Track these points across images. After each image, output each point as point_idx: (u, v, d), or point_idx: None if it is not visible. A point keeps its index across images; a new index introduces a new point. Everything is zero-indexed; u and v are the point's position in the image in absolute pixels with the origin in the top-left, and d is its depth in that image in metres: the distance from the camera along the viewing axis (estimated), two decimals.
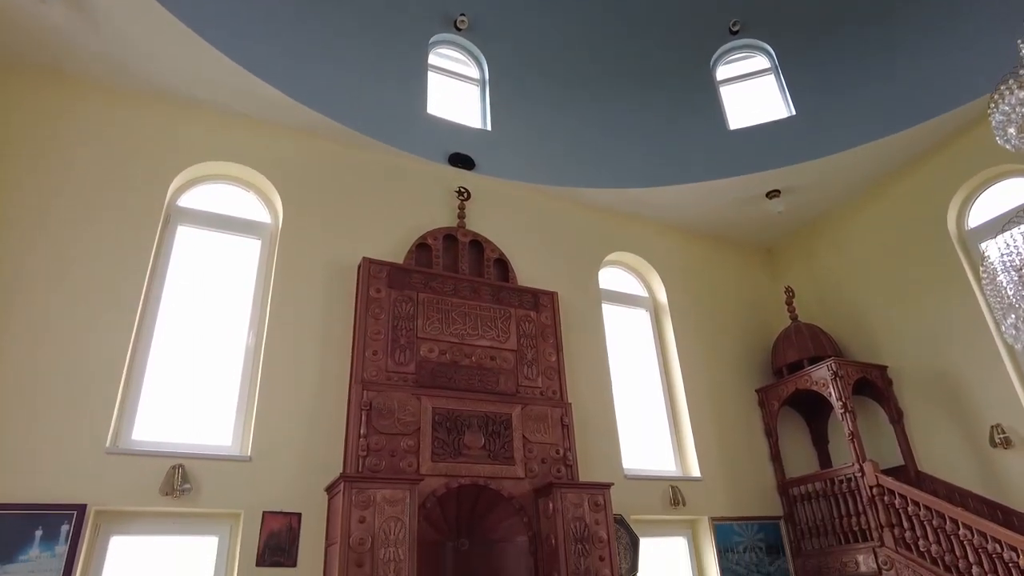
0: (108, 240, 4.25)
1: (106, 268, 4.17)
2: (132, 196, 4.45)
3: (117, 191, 4.41)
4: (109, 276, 4.16)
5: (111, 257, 4.21)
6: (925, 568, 4.66)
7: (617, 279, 6.60)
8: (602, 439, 5.30)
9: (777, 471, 6.03)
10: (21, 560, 3.36)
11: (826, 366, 5.66)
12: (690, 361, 6.19)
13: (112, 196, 4.38)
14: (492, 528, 4.42)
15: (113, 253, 4.23)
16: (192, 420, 4.22)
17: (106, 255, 4.20)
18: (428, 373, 4.55)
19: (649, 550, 5.21)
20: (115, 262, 4.21)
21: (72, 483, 3.59)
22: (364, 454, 4.06)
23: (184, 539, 3.93)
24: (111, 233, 4.28)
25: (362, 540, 3.60)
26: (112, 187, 4.41)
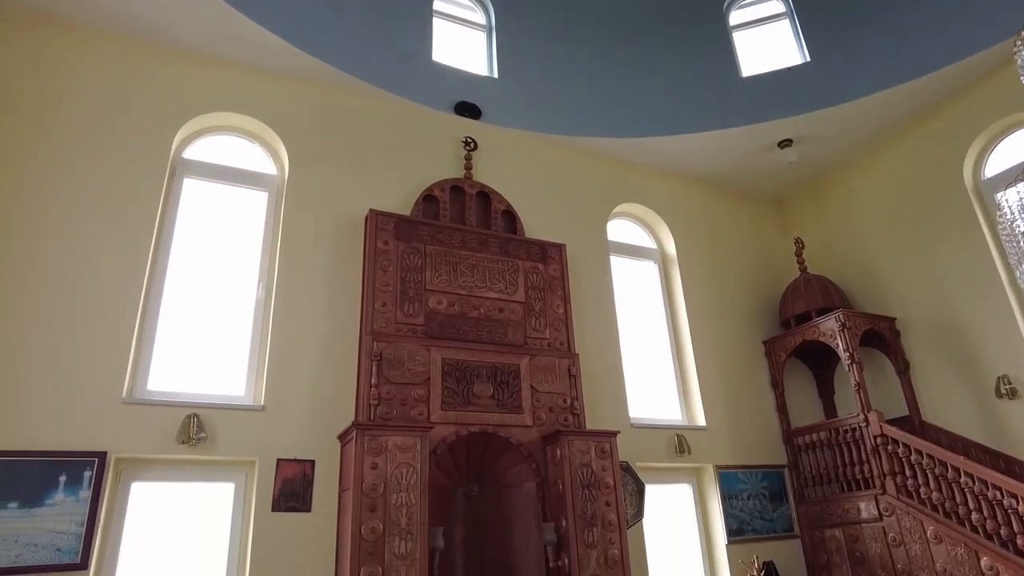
0: (115, 193, 4.24)
1: (114, 221, 4.17)
2: (137, 148, 4.41)
3: (122, 143, 4.38)
4: (118, 229, 4.17)
5: (119, 210, 4.21)
6: (925, 514, 4.75)
7: (626, 231, 6.55)
8: (609, 389, 5.36)
9: (782, 421, 6.10)
10: (48, 504, 3.47)
11: (834, 317, 5.66)
12: (698, 312, 6.20)
13: (117, 148, 4.35)
14: (501, 474, 4.52)
15: (121, 206, 4.22)
16: (205, 371, 4.29)
17: (114, 208, 4.20)
18: (437, 324, 4.58)
19: (654, 496, 5.34)
20: (123, 215, 4.21)
21: (92, 432, 3.69)
22: (375, 403, 4.13)
23: (201, 485, 4.04)
24: (118, 185, 4.26)
25: (375, 485, 3.69)
26: (117, 139, 4.37)
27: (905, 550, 4.87)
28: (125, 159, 4.34)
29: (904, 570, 4.85)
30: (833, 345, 5.67)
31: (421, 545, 3.68)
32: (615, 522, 4.26)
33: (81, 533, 3.49)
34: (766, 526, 5.60)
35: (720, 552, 5.37)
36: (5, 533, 3.35)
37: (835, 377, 6.48)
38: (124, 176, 4.30)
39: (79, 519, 3.50)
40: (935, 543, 4.68)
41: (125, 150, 4.37)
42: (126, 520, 3.80)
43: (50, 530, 3.44)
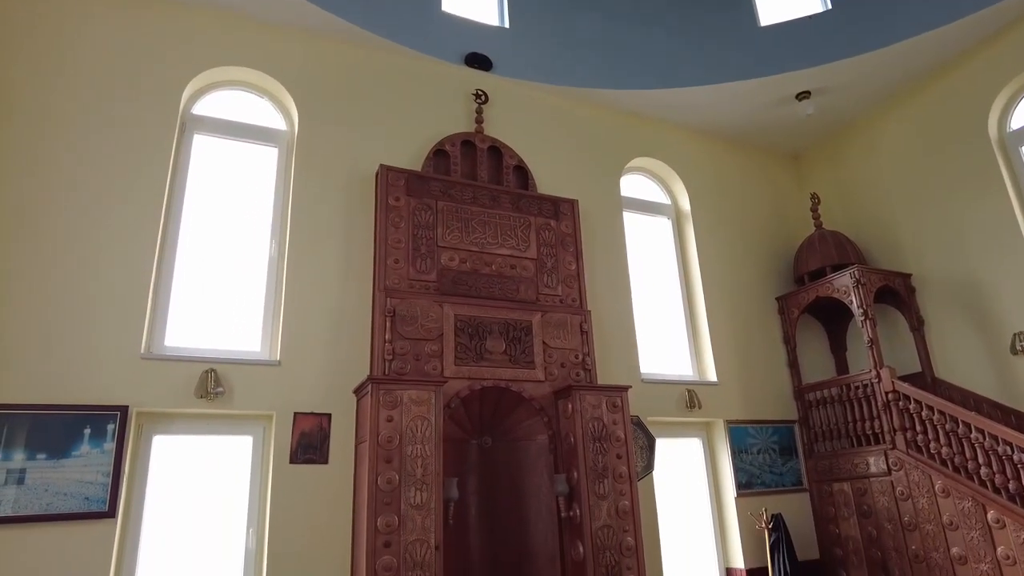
0: (126, 149, 4.22)
1: (126, 178, 4.16)
2: (146, 104, 4.37)
3: (131, 98, 4.34)
4: (130, 186, 4.16)
5: (130, 167, 4.19)
6: (934, 469, 4.79)
7: (639, 186, 6.47)
8: (620, 344, 5.38)
9: (794, 377, 6.12)
10: (75, 455, 3.57)
11: (848, 274, 5.61)
12: (711, 268, 6.17)
13: (126, 104, 4.31)
14: (514, 427, 4.59)
15: (132, 162, 4.21)
16: (221, 327, 4.34)
17: (125, 165, 4.18)
18: (449, 281, 4.59)
19: (665, 450, 5.42)
20: (135, 171, 4.20)
21: (113, 386, 3.76)
22: (390, 358, 4.18)
23: (220, 439, 4.14)
24: (129, 141, 4.24)
25: (390, 438, 3.76)
26: (125, 95, 4.33)
27: (912, 503, 4.93)
28: (134, 115, 4.31)
29: (911, 523, 4.92)
30: (847, 302, 5.63)
31: (436, 495, 3.77)
32: (626, 474, 4.33)
33: (107, 483, 3.59)
34: (775, 480, 5.68)
35: (729, 504, 5.47)
36: (36, 482, 3.46)
37: (848, 334, 6.47)
38: (134, 132, 4.27)
39: (105, 470, 3.61)
40: (942, 497, 4.73)
41: (134, 106, 4.33)
42: (149, 471, 3.91)
43: (78, 480, 3.55)
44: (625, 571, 4.11)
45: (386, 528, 3.59)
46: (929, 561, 4.78)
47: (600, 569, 4.04)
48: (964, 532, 4.58)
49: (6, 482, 3.42)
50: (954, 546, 4.63)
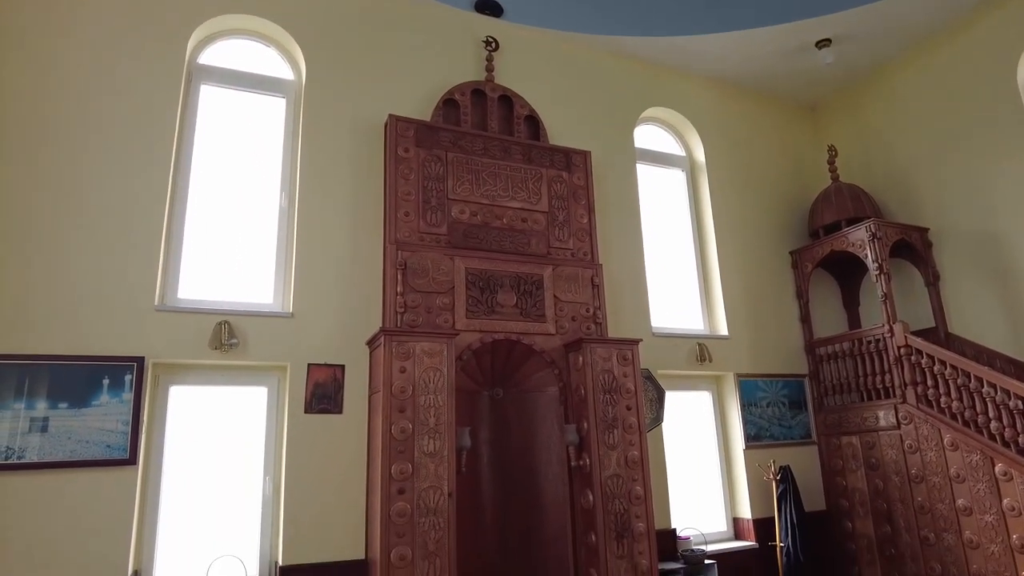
0: (132, 100, 4.15)
1: (133, 129, 4.11)
2: (151, 53, 4.28)
3: (135, 49, 4.24)
4: (137, 137, 4.11)
5: (137, 118, 4.14)
6: (944, 423, 4.81)
7: (653, 137, 6.34)
8: (632, 298, 5.37)
9: (806, 331, 6.11)
10: (95, 405, 3.65)
11: (864, 227, 5.53)
12: (725, 222, 6.10)
13: (130, 53, 4.22)
14: (525, 379, 4.63)
15: (138, 113, 4.15)
16: (233, 279, 4.35)
17: (131, 116, 4.13)
18: (460, 234, 4.56)
19: (674, 402, 5.46)
20: (141, 123, 4.15)
21: (129, 338, 3.80)
22: (402, 311, 4.19)
23: (236, 389, 4.20)
24: (134, 93, 4.17)
25: (403, 388, 3.81)
26: (129, 44, 4.24)
27: (920, 456, 4.97)
28: (140, 65, 4.23)
29: (918, 475, 4.97)
30: (862, 256, 5.57)
31: (449, 444, 3.83)
32: (635, 425, 4.37)
33: (127, 432, 3.67)
34: (784, 432, 5.72)
35: (737, 456, 5.54)
36: (59, 431, 3.55)
37: (861, 289, 6.42)
38: (140, 83, 4.20)
39: (124, 419, 3.68)
40: (951, 450, 4.76)
41: (139, 55, 4.25)
42: (167, 420, 3.98)
43: (99, 428, 3.63)
44: (634, 519, 4.19)
45: (400, 475, 3.67)
46: (934, 512, 4.84)
47: (609, 516, 4.12)
48: (971, 484, 4.62)
49: (30, 430, 3.51)
50: (960, 498, 4.68)
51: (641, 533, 4.19)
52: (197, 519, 3.94)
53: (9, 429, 3.47)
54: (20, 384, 3.54)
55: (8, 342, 3.56)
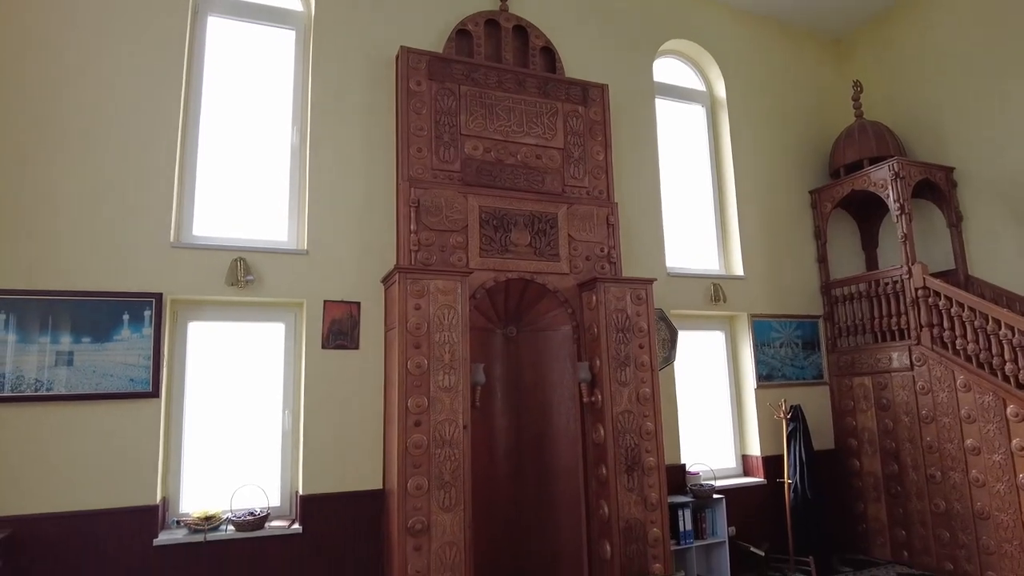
0: (139, 33, 4.05)
1: (141, 63, 4.04)
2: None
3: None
4: (146, 72, 4.04)
5: (144, 51, 4.05)
6: (958, 364, 4.80)
7: (673, 71, 6.13)
8: (647, 238, 5.31)
9: (822, 272, 6.05)
10: (116, 339, 3.73)
11: (887, 166, 5.38)
12: (744, 160, 5.96)
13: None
14: (538, 318, 4.65)
15: (145, 45, 4.06)
16: (247, 217, 4.35)
17: (138, 48, 4.04)
18: (473, 171, 4.49)
19: (687, 342, 5.48)
20: (149, 56, 4.06)
21: (147, 274, 3.84)
22: (416, 249, 4.18)
23: (253, 325, 4.26)
24: (140, 25, 4.07)
25: (418, 325, 3.84)
26: None
27: (932, 397, 4.99)
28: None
29: (928, 415, 5.00)
30: (883, 195, 5.45)
31: (463, 379, 3.89)
32: (647, 363, 4.41)
33: (149, 366, 3.76)
34: (796, 373, 5.75)
35: (749, 395, 5.59)
36: (84, 364, 3.64)
37: (880, 230, 6.31)
38: (145, 14, 4.09)
39: (145, 353, 3.76)
40: (963, 391, 4.77)
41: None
42: (187, 355, 4.07)
43: (121, 362, 3.72)
44: (644, 453, 4.28)
45: (416, 409, 3.75)
46: (942, 451, 4.90)
47: (620, 451, 4.21)
48: (981, 425, 4.65)
49: (56, 363, 3.60)
50: (969, 438, 4.72)
51: (651, 467, 4.28)
52: (220, 450, 4.08)
53: (37, 362, 3.57)
54: (44, 319, 3.61)
55: (30, 278, 3.62)
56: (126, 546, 3.56)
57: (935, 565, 4.92)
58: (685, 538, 4.63)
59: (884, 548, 5.32)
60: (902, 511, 5.19)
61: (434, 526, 3.68)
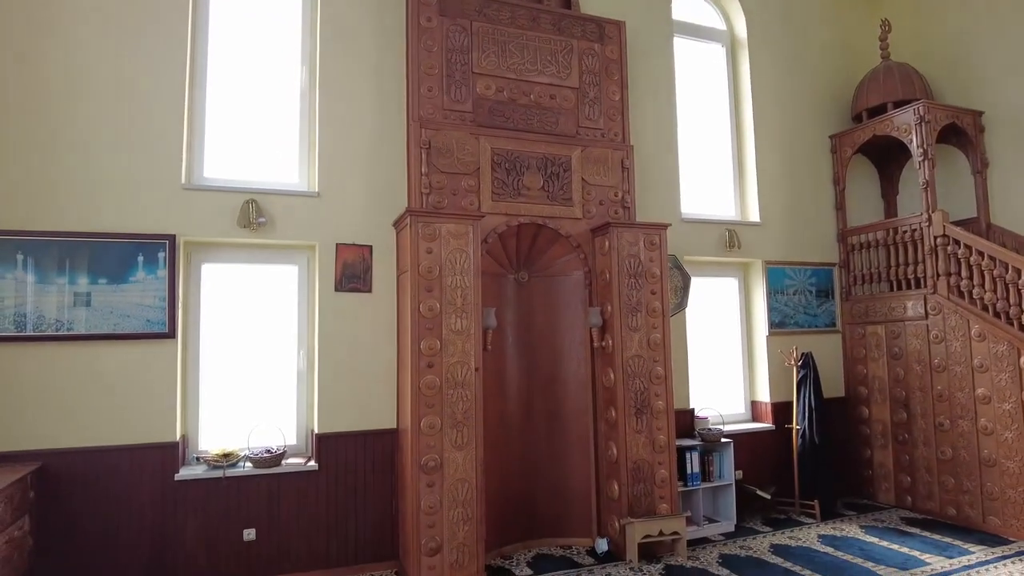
0: None
1: (148, 2, 3.94)
2: None
3: None
4: (152, 11, 3.94)
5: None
6: (974, 314, 4.75)
7: (692, 7, 5.88)
8: (662, 182, 5.23)
9: (839, 220, 5.95)
10: (132, 281, 3.76)
11: (912, 110, 5.21)
12: (764, 103, 5.79)
13: None
14: (550, 263, 4.63)
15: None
16: (258, 158, 4.31)
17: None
18: (485, 112, 4.40)
19: (700, 288, 5.46)
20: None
21: (159, 216, 3.85)
22: (427, 192, 4.14)
23: (266, 267, 4.28)
24: None
25: (430, 269, 3.84)
26: None
27: (945, 346, 4.96)
28: None
29: (940, 364, 4.99)
30: (906, 140, 5.29)
31: (475, 323, 3.91)
32: (659, 309, 4.40)
33: (164, 307, 3.80)
34: (808, 320, 5.73)
35: (760, 342, 5.59)
36: (102, 305, 3.69)
37: (901, 177, 6.16)
38: None
39: (161, 295, 3.80)
40: (977, 340, 4.74)
41: None
42: (202, 297, 4.11)
43: (137, 303, 3.76)
44: (653, 397, 4.32)
45: (429, 351, 3.78)
46: (952, 400, 4.90)
47: (629, 394, 4.25)
48: (993, 374, 4.63)
49: (75, 304, 3.66)
50: (980, 387, 4.71)
51: (660, 411, 4.33)
52: (236, 391, 4.16)
53: (56, 303, 3.62)
54: (61, 260, 3.65)
55: (45, 219, 3.65)
56: (149, 480, 3.69)
57: (938, 510, 5.00)
58: (692, 480, 4.72)
59: (888, 493, 5.40)
60: (908, 458, 5.25)
61: (447, 464, 3.77)
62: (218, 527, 3.80)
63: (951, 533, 4.62)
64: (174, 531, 3.71)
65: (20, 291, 3.58)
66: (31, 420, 3.54)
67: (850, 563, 4.06)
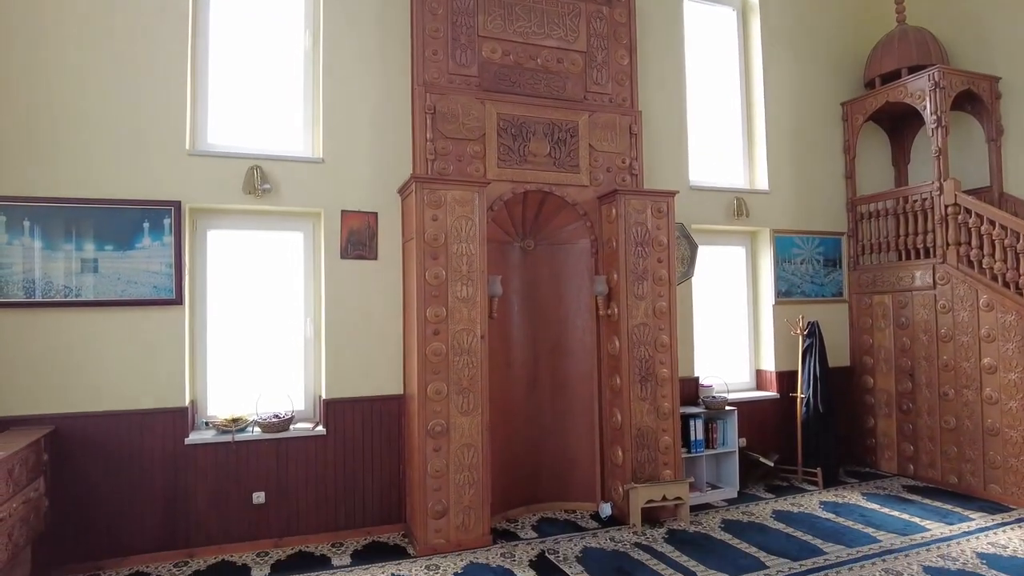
0: None
1: None
2: None
3: None
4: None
5: None
6: (983, 284, 4.72)
7: None
8: (670, 149, 5.16)
9: (849, 188, 5.88)
10: (139, 248, 3.77)
11: (927, 75, 5.10)
12: (775, 69, 5.68)
13: None
14: (556, 231, 4.61)
15: None
16: (261, 125, 4.27)
17: None
18: (491, 76, 4.33)
19: (707, 256, 5.43)
20: None
21: (164, 182, 3.84)
22: (432, 158, 4.10)
23: (272, 234, 4.27)
24: None
25: (436, 236, 3.82)
26: None
27: (952, 316, 4.94)
28: None
29: (947, 334, 4.97)
30: (920, 107, 5.19)
31: (481, 290, 3.91)
32: (665, 278, 4.38)
33: (171, 274, 3.81)
34: (815, 290, 5.71)
35: (766, 311, 5.57)
36: (109, 271, 3.70)
37: (913, 145, 6.07)
38: None
39: (167, 261, 3.81)
40: (985, 310, 4.71)
41: None
42: (208, 264, 4.11)
43: (144, 270, 3.77)
44: (658, 365, 4.33)
45: (435, 318, 3.79)
46: (957, 370, 4.90)
47: (634, 362, 4.26)
48: (1000, 344, 4.62)
49: (83, 270, 3.67)
50: (986, 357, 4.70)
51: (664, 379, 4.34)
52: (244, 357, 4.19)
53: (64, 269, 3.64)
54: (68, 227, 3.66)
55: (50, 185, 3.64)
56: (159, 444, 3.75)
57: (940, 478, 5.03)
58: (696, 447, 4.76)
59: (891, 462, 5.44)
60: (911, 427, 5.27)
61: (453, 429, 3.81)
62: (228, 490, 3.87)
63: (952, 500, 4.67)
64: (185, 493, 3.78)
65: (28, 257, 3.59)
66: (43, 385, 3.58)
67: (851, 528, 4.11)
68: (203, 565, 3.68)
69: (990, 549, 3.75)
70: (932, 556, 3.65)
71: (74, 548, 3.58)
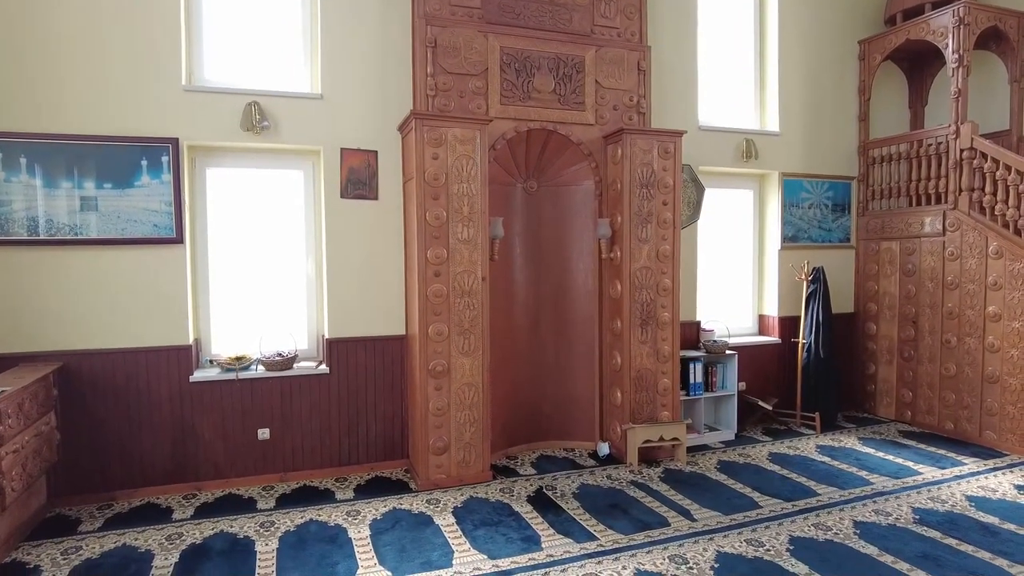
0: None
1: None
2: None
3: None
4: None
5: None
6: (994, 231, 4.64)
7: None
8: (679, 87, 5.00)
9: (862, 131, 5.72)
10: (137, 186, 3.73)
11: (952, 11, 4.87)
12: (790, 5, 5.43)
13: None
14: (560, 172, 4.53)
15: None
16: (259, 60, 4.15)
17: None
18: (494, 7, 4.16)
19: (713, 199, 5.34)
20: None
21: (161, 119, 3.77)
22: (433, 94, 3.99)
23: (271, 172, 4.22)
24: None
25: (436, 176, 3.76)
26: None
27: (960, 263, 4.88)
28: None
29: (953, 282, 4.93)
30: (941, 46, 4.99)
31: (482, 232, 3.87)
32: (670, 221, 4.33)
33: (171, 212, 3.79)
34: (822, 235, 5.63)
35: (772, 256, 5.52)
36: (108, 210, 3.68)
37: (932, 87, 5.86)
38: None
39: (166, 199, 3.77)
40: (994, 258, 4.65)
41: None
42: (208, 202, 4.08)
43: (144, 208, 3.74)
44: (659, 309, 4.32)
45: (436, 260, 3.77)
46: (962, 317, 4.88)
47: (636, 306, 4.26)
48: (1006, 292, 4.58)
49: (83, 208, 3.65)
50: (991, 305, 4.67)
51: (665, 322, 4.35)
52: (246, 296, 4.21)
53: (65, 207, 3.62)
54: (67, 165, 3.62)
55: (46, 122, 3.58)
56: (164, 381, 3.81)
57: (936, 424, 5.09)
58: (695, 389, 4.81)
59: (889, 408, 5.49)
60: (912, 374, 5.29)
61: (454, 369, 3.85)
62: (234, 426, 3.95)
63: (946, 446, 4.73)
64: (191, 428, 3.87)
65: (29, 195, 3.57)
66: (50, 322, 3.62)
67: (844, 471, 4.19)
68: (211, 497, 3.80)
69: (980, 492, 3.82)
70: (922, 498, 3.72)
71: (87, 479, 3.70)
